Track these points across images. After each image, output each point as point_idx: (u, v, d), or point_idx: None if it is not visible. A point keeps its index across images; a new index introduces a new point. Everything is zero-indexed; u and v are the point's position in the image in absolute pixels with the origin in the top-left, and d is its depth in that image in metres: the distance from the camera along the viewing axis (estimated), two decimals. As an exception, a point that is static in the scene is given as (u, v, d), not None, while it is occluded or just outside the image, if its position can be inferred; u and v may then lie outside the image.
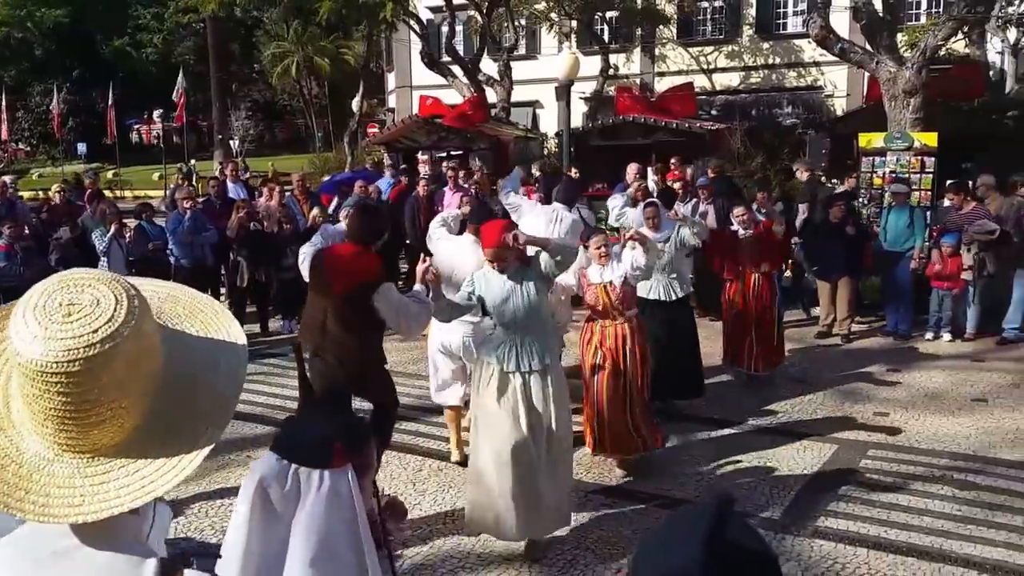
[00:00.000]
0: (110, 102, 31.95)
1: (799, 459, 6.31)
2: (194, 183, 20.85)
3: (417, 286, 4.94)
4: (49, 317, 1.21)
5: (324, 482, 2.12)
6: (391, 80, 32.58)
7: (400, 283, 9.95)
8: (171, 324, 1.39)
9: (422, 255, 5.57)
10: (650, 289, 6.96)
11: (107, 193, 18.86)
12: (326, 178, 17.38)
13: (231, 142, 37.48)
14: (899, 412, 7.33)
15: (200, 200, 11.99)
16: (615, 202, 8.39)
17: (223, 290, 11.15)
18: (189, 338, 1.39)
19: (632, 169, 12.04)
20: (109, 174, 31.87)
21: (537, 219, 7.19)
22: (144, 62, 46.29)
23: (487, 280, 4.82)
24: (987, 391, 7.88)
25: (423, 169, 17.67)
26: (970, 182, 10.14)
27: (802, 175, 11.63)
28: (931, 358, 9.01)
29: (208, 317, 1.43)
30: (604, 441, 5.93)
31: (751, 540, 1.08)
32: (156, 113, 33.54)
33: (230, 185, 12.63)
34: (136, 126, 45.99)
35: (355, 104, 28.29)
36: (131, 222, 10.79)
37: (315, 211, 11.02)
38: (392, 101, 32.42)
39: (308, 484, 2.13)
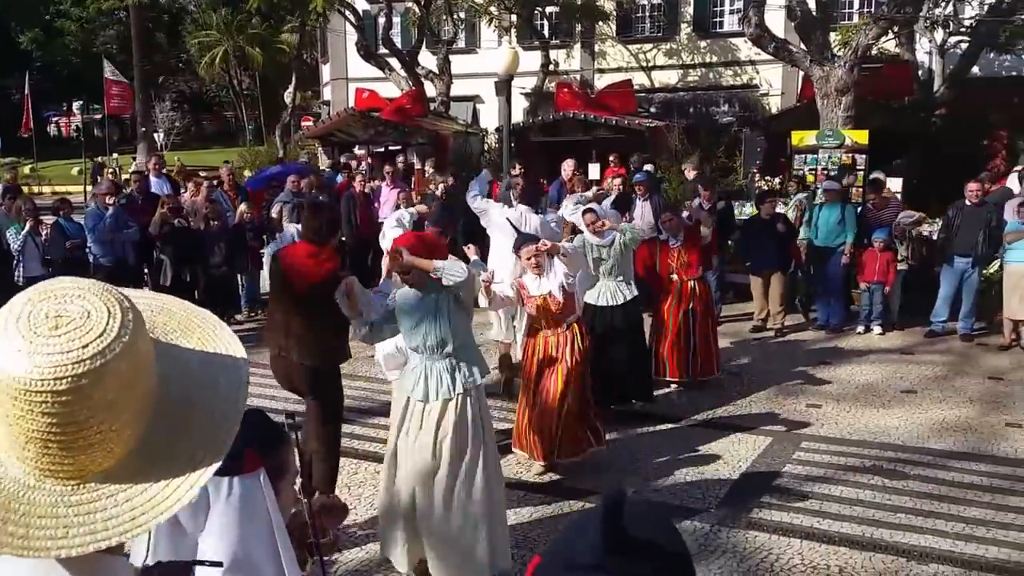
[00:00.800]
0: (26, 92, 30.76)
1: (734, 452, 6.38)
2: (110, 177, 20.17)
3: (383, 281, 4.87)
4: (34, 330, 1.09)
5: (234, 490, 2.02)
6: (326, 72, 32.06)
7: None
8: (165, 339, 1.27)
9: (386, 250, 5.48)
10: (598, 295, 6.92)
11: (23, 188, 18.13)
12: (249, 173, 17.07)
13: (156, 135, 36.45)
14: (831, 404, 7.48)
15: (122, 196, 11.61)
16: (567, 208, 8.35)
17: (146, 290, 10.80)
18: (185, 355, 1.27)
19: (568, 165, 12.11)
20: (26, 168, 30.70)
21: (504, 222, 7.17)
22: (63, 50, 44.42)
23: (405, 297, 4.51)
24: (916, 383, 8.08)
25: (358, 165, 17.46)
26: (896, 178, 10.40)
27: (689, 173, 11.79)
28: (862, 351, 9.22)
29: (205, 332, 1.32)
30: (555, 449, 5.84)
31: (656, 533, 1.07)
32: (76, 104, 32.30)
33: (153, 180, 12.28)
34: (54, 118, 44.43)
35: (287, 96, 27.80)
36: (48, 219, 10.30)
37: (242, 207, 10.80)
38: (327, 93, 31.92)
39: (217, 493, 2.02)
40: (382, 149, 18.78)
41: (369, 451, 6.41)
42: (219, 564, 1.90)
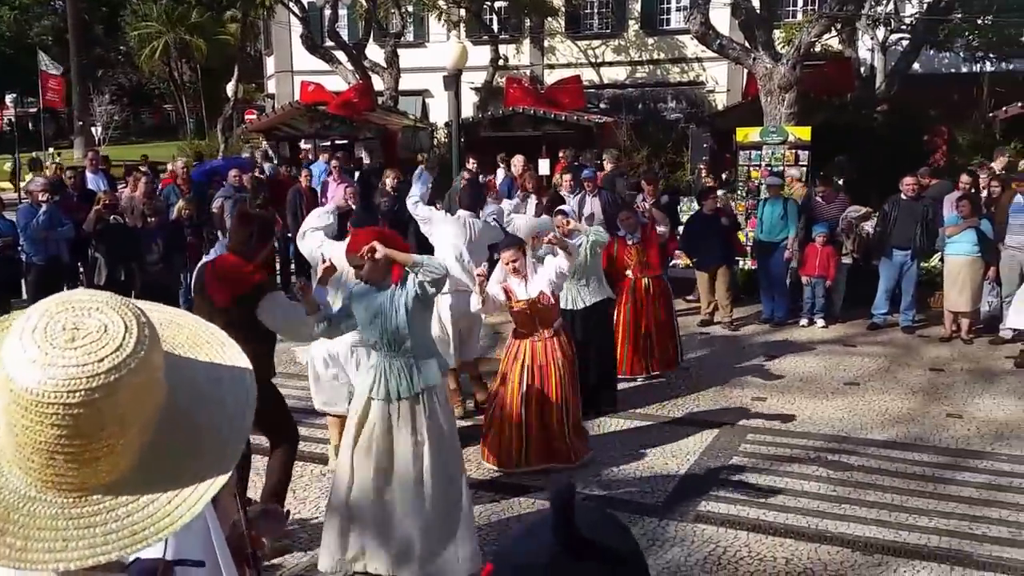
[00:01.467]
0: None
1: (682, 446, 6.42)
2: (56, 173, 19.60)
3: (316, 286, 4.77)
4: (50, 341, 1.10)
5: None
6: (270, 64, 31.61)
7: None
8: (174, 352, 1.26)
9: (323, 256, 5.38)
10: (565, 299, 6.76)
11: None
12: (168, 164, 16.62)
13: (93, 129, 35.55)
14: (776, 397, 7.57)
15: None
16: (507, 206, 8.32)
17: (160, 305, 10.49)
18: (193, 370, 1.26)
19: (518, 161, 12.10)
20: (-45, 163, 29.68)
21: (448, 229, 7.05)
22: (-5, 40, 43.08)
23: (361, 293, 4.45)
24: (858, 374, 8.22)
25: (305, 160, 17.26)
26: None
27: (607, 165, 11.86)
28: (806, 344, 9.35)
29: (213, 348, 1.32)
30: (531, 454, 5.78)
31: (608, 533, 1.08)
32: (9, 97, 31.26)
33: (89, 176, 11.97)
34: (-16, 111, 43.12)
35: (230, 89, 27.33)
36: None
37: (180, 203, 10.57)
38: (272, 86, 31.49)
39: None
40: (328, 143, 18.57)
41: (314, 452, 6.31)
42: (201, 564, 1.85)
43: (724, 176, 12.40)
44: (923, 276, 9.87)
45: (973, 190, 9.69)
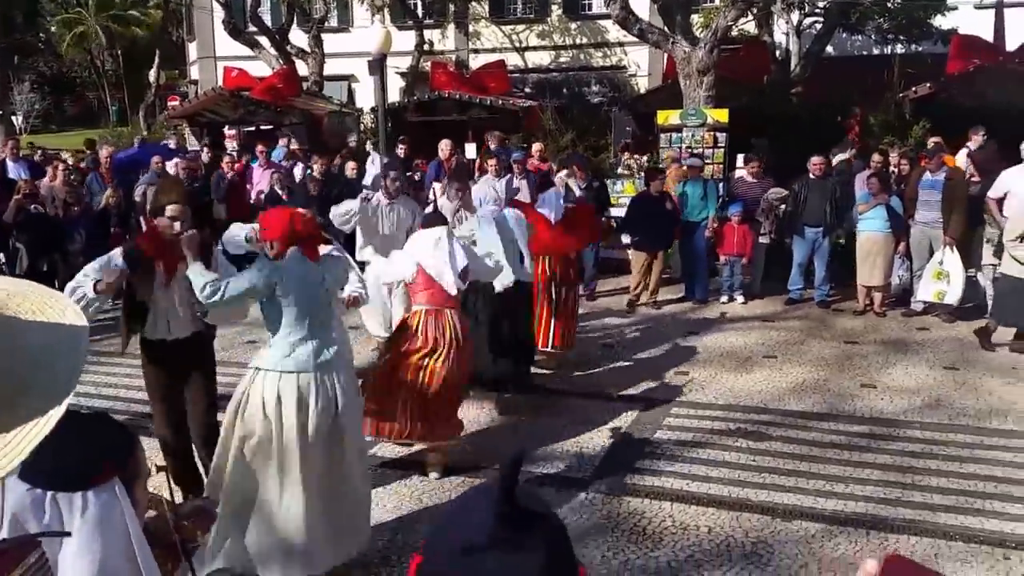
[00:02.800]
0: None
1: (608, 421, 6.56)
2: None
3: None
4: None
5: (88, 505, 1.93)
6: (192, 50, 30.86)
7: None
8: (17, 318, 1.30)
9: None
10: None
11: None
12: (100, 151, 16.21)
13: (13, 118, 34.41)
14: (698, 371, 7.78)
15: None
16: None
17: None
18: (31, 333, 1.29)
19: (445, 145, 12.10)
20: None
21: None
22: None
23: (293, 266, 4.41)
24: (776, 348, 8.50)
25: (230, 144, 16.98)
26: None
27: (492, 143, 11.98)
28: (726, 320, 9.62)
29: (56, 313, 1.35)
30: (425, 431, 5.71)
31: (540, 506, 1.10)
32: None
33: (10, 165, 11.64)
34: (-103, 100, 41.34)
35: (152, 75, 26.66)
36: None
37: (107, 192, 10.37)
38: (194, 72, 30.75)
39: (71, 510, 1.93)
40: (253, 129, 18.29)
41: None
42: (67, 534, 1.85)
43: (646, 159, 12.57)
44: (839, 249, 10.21)
45: (883, 168, 10.03)
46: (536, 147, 12.15)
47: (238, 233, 5.16)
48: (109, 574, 1.90)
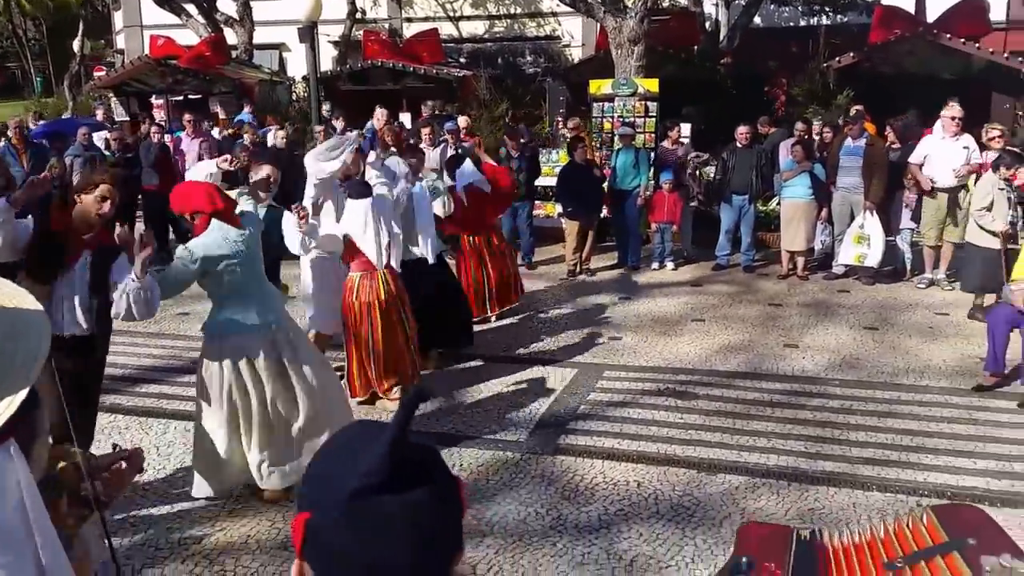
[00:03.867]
0: None
1: (543, 385, 6.72)
2: None
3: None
4: None
5: None
6: (118, 19, 29.90)
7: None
8: None
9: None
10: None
11: None
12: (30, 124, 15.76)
13: (-68, 91, 33.00)
14: (630, 335, 7.98)
15: None
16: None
17: None
18: None
19: (381, 114, 12.04)
20: None
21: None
22: None
23: (219, 236, 4.59)
24: (704, 312, 8.74)
25: (157, 115, 16.62)
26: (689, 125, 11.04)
27: (379, 121, 11.99)
28: (657, 286, 9.84)
29: (11, 300, 1.40)
30: (380, 378, 6.10)
31: (428, 453, 1.11)
32: None
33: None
34: None
35: (76, 45, 25.81)
36: None
37: (52, 161, 10.20)
38: (121, 42, 29.81)
39: None
40: (181, 98, 17.90)
41: (179, 410, 6.27)
42: None
43: (573, 123, 12.68)
44: (762, 217, 10.49)
45: (807, 137, 10.32)
46: (463, 121, 12.10)
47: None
48: (2, 534, 1.89)
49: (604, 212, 10.65)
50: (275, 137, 11.58)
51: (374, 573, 1.02)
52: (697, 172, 10.40)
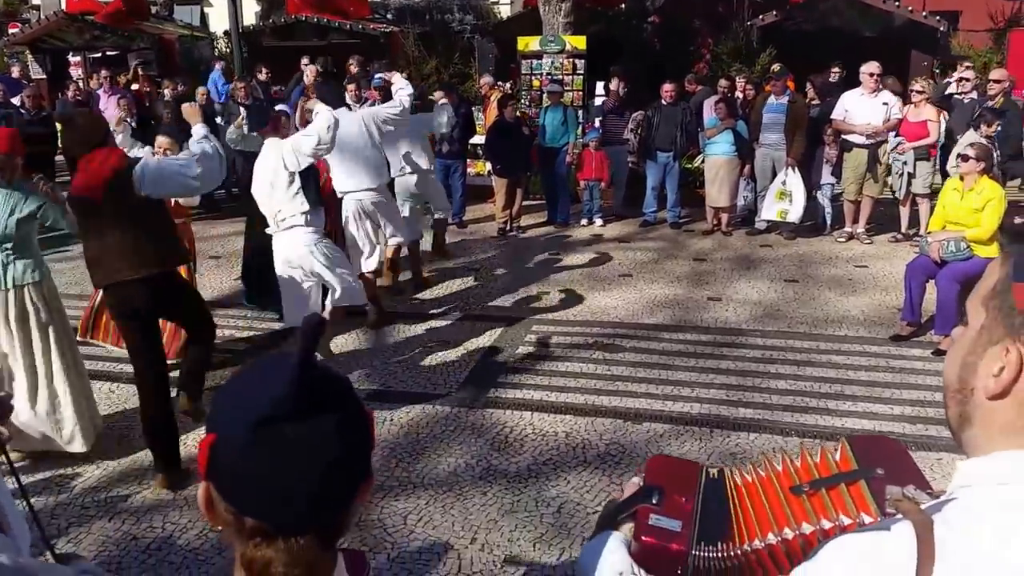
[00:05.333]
0: None
1: (472, 339, 6.79)
2: None
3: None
4: None
5: None
6: (29, -28, 28.64)
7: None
8: None
9: None
10: None
11: None
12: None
13: None
14: (559, 291, 8.07)
15: None
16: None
17: None
18: None
19: (311, 70, 11.80)
20: None
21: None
22: None
23: None
24: (632, 267, 8.88)
25: (75, 72, 16.03)
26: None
27: (309, 76, 11.87)
28: (586, 242, 9.95)
29: None
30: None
31: (338, 383, 1.12)
32: None
33: None
34: None
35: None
36: None
37: None
38: (33, -4, 28.58)
39: None
40: (99, 55, 17.28)
41: (99, 370, 6.18)
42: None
43: (508, 85, 12.63)
44: (688, 175, 10.64)
45: (730, 94, 10.47)
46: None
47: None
48: None
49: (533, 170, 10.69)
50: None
51: (276, 498, 1.04)
52: (639, 130, 10.45)
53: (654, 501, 1.78)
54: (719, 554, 1.70)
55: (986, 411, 1.00)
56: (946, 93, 10.92)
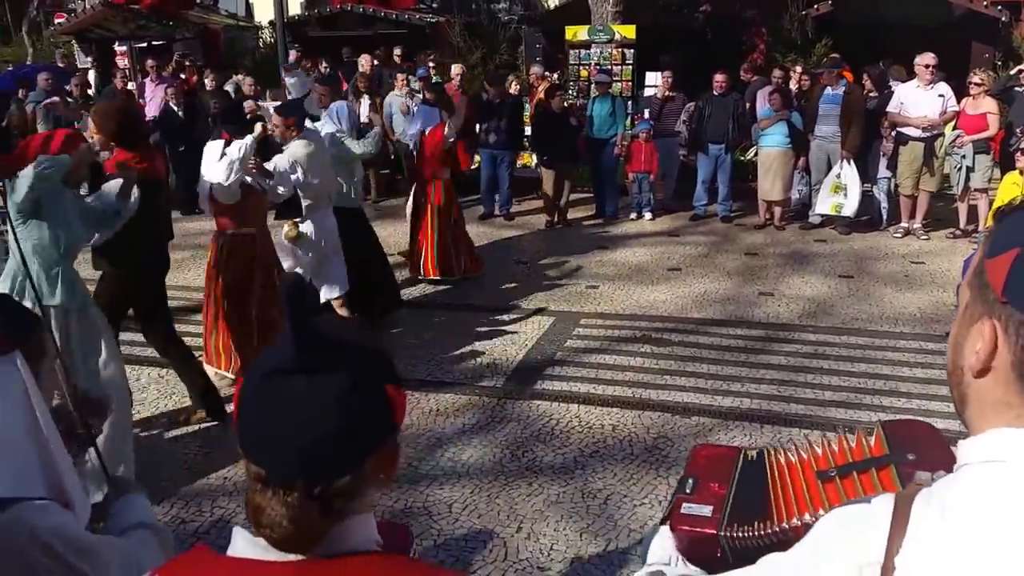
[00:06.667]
0: None
1: (520, 333, 6.71)
2: None
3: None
4: None
5: None
6: (79, -37, 29.11)
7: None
8: None
9: None
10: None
11: None
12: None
13: None
14: (607, 284, 7.95)
15: None
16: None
17: None
18: None
19: (366, 59, 11.80)
20: None
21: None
22: None
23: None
24: (681, 262, 8.71)
25: (121, 62, 16.22)
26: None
27: (364, 66, 11.77)
28: (634, 236, 9.79)
29: None
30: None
31: (343, 334, 1.16)
32: None
33: None
34: None
35: (34, -11, 25.06)
36: None
37: (11, 107, 9.99)
38: (82, -13, 29.04)
39: None
40: (145, 44, 17.46)
41: (150, 356, 6.19)
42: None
43: (556, 76, 12.50)
44: (742, 165, 10.42)
45: (785, 85, 10.24)
46: (456, 70, 11.78)
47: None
48: (7, 446, 1.91)
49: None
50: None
51: (265, 444, 1.09)
52: (690, 122, 10.27)
53: (688, 491, 1.83)
54: (752, 532, 1.72)
55: (975, 390, 1.02)
56: (1007, 85, 10.58)
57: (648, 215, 10.47)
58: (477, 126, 10.55)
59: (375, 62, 12.01)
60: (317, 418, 1.07)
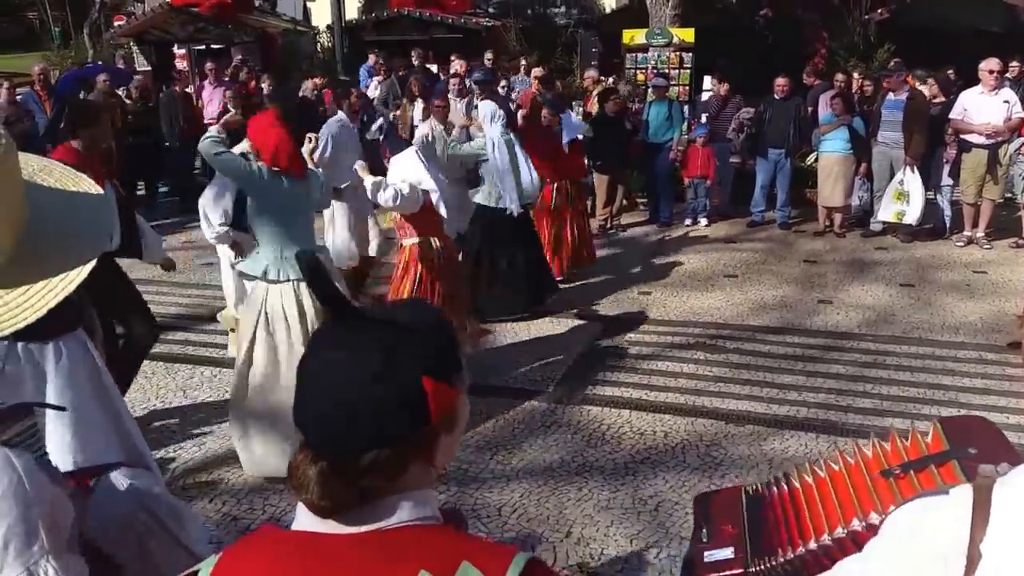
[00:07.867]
0: None
1: (571, 338, 6.65)
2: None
3: None
4: None
5: (63, 352, 2.01)
6: (139, -33, 29.77)
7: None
8: (43, 185, 1.42)
9: None
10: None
11: None
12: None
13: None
14: (660, 291, 7.86)
15: None
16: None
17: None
18: (57, 198, 1.42)
19: (459, 62, 11.76)
20: None
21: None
22: None
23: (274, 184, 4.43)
24: (738, 268, 8.58)
25: (180, 64, 16.53)
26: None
27: (459, 68, 11.69)
28: (690, 241, 9.67)
29: (77, 185, 1.48)
30: None
31: (385, 315, 1.19)
32: None
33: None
34: None
35: (95, -8, 25.66)
36: None
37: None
38: (141, -11, 29.69)
39: (43, 358, 2.00)
40: (203, 48, 17.77)
41: (204, 356, 6.30)
42: (63, 408, 1.91)
43: (611, 80, 12.43)
44: (803, 170, 10.24)
45: (847, 89, 10.02)
46: (536, 72, 11.56)
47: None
48: (84, 418, 1.97)
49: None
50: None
51: (299, 408, 1.14)
52: (744, 128, 10.12)
53: (704, 540, 1.84)
54: (781, 559, 1.72)
55: None
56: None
57: (704, 221, 10.33)
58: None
59: (464, 64, 11.90)
60: (339, 390, 1.10)
